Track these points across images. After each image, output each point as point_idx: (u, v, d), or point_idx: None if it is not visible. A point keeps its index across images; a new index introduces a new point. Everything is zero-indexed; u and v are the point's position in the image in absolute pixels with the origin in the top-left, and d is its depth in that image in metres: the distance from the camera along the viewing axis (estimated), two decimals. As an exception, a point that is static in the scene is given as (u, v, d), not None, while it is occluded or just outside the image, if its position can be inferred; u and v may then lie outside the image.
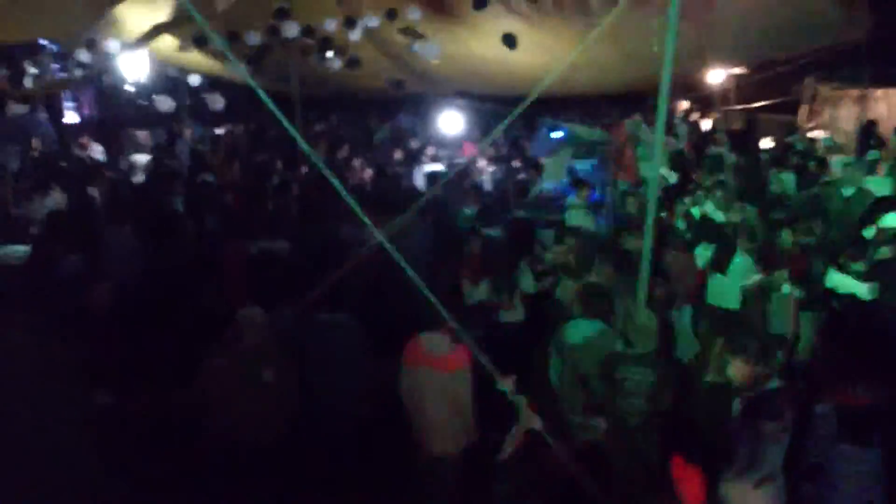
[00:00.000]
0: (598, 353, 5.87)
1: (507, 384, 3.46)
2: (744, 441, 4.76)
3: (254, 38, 11.95)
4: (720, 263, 7.96)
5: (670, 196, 9.92)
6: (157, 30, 12.00)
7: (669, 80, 4.82)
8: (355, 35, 11.86)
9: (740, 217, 8.81)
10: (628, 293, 6.31)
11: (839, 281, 7.31)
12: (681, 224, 9.16)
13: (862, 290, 7.11)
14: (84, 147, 14.37)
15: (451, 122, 16.65)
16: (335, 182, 3.44)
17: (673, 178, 11.31)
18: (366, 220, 3.42)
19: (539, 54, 11.22)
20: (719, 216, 9.08)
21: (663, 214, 9.25)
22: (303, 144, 3.26)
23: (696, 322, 7.59)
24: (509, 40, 10.67)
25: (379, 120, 19.24)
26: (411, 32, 11.72)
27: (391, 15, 11.49)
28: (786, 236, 8.11)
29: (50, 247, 7.40)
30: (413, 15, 11.22)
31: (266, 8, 11.76)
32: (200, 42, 12.25)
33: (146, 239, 8.07)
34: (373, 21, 11.56)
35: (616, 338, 5.90)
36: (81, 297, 5.78)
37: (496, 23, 11.02)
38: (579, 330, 6.15)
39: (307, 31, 11.93)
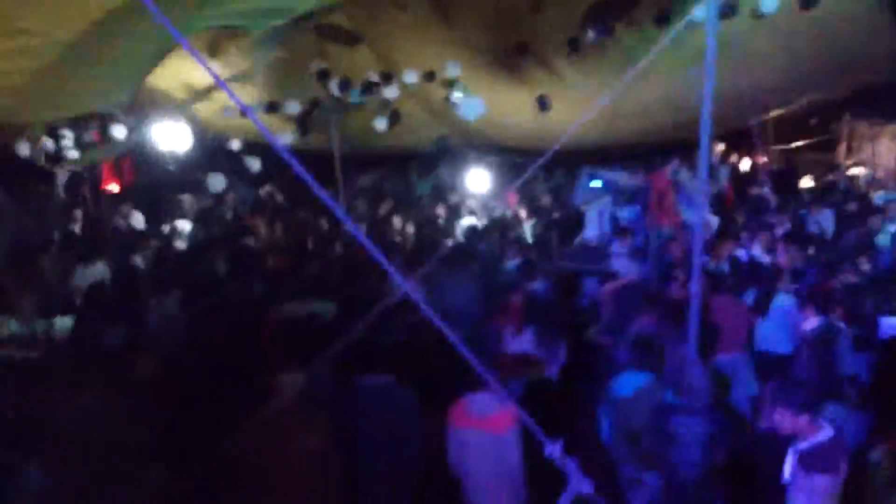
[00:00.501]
0: (649, 406, 5.72)
1: (554, 449, 3.35)
2: (800, 498, 4.57)
3: (294, 106, 12.12)
4: (759, 306, 7.82)
5: (714, 240, 9.78)
6: (197, 97, 12.24)
7: (710, 124, 4.76)
8: (392, 92, 11.98)
9: (786, 259, 8.64)
10: (678, 342, 6.20)
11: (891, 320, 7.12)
12: (726, 268, 9.00)
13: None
14: (126, 216, 14.60)
15: (490, 175, 16.69)
16: (364, 240, 3.38)
17: (715, 221, 11.17)
18: (397, 276, 3.35)
19: (574, 110, 11.21)
20: (766, 258, 8.92)
21: (708, 259, 9.09)
22: (329, 202, 3.19)
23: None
24: (542, 103, 10.68)
25: (420, 174, 19.35)
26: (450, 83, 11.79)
27: (430, 77, 11.60)
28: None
29: (93, 319, 7.46)
30: (454, 71, 11.27)
31: (304, 72, 11.92)
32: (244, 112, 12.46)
33: (191, 307, 8.12)
34: (411, 77, 11.64)
35: (666, 390, 5.76)
36: (125, 368, 5.77)
37: (532, 78, 11.05)
38: (629, 382, 6.00)
39: (345, 84, 12.04)
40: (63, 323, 8.82)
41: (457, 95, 11.65)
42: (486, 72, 11.21)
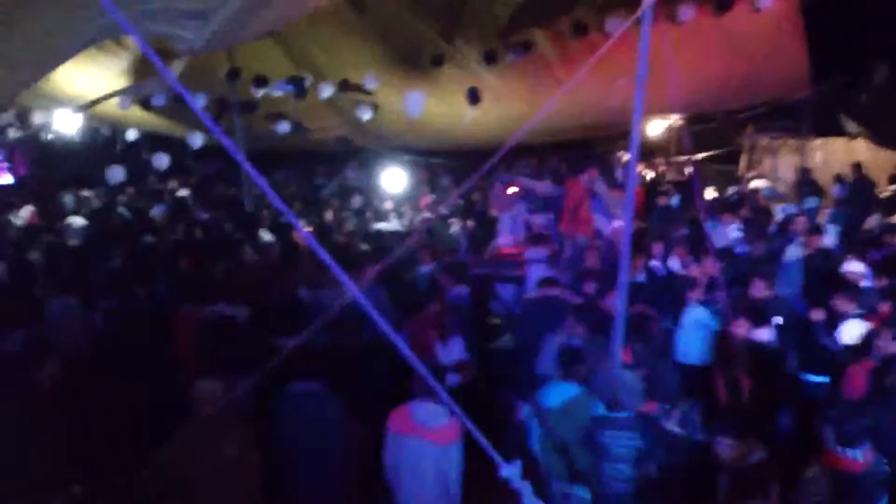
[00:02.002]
0: (578, 418, 5.69)
1: (511, 471, 3.25)
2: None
3: (201, 99, 11.74)
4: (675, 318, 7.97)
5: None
6: (106, 96, 11.71)
7: (639, 137, 4.77)
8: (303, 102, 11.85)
9: (699, 270, 8.76)
10: (604, 353, 6.20)
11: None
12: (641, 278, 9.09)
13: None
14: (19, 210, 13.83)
15: (398, 177, 16.56)
16: (313, 243, 3.21)
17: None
18: (346, 279, 3.18)
19: (491, 111, 11.24)
20: (680, 270, 9.08)
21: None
22: (279, 204, 3.01)
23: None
24: (473, 95, 10.63)
25: (326, 175, 19.06)
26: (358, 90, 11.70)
27: (345, 86, 11.45)
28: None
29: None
30: (370, 84, 11.19)
31: (214, 69, 11.58)
32: (146, 104, 12.03)
33: (93, 308, 7.68)
34: (327, 91, 11.50)
35: (594, 401, 5.74)
36: (29, 374, 5.36)
37: (451, 81, 11.02)
38: (557, 393, 5.96)
39: (260, 82, 11.75)
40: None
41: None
42: (400, 80, 11.10)
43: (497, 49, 10.42)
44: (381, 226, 13.42)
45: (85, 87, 11.77)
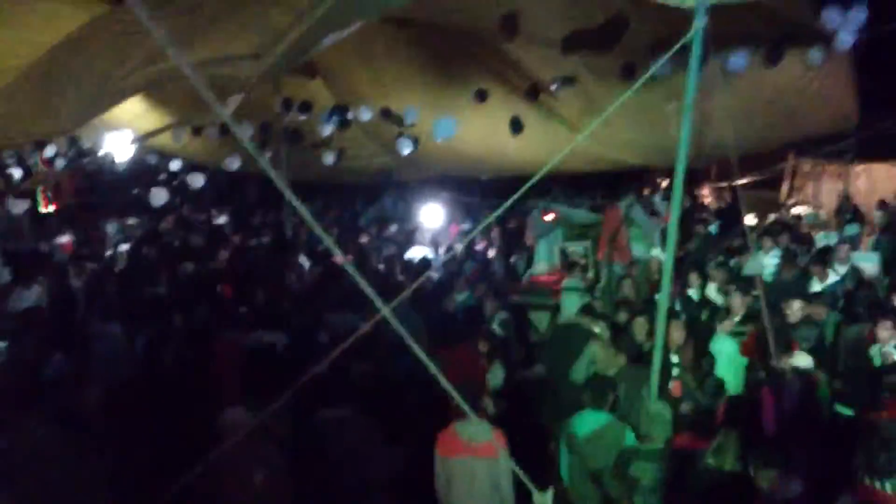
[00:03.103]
0: (607, 446, 5.67)
1: (544, 498, 3.25)
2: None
3: (248, 129, 11.98)
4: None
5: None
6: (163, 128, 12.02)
7: (685, 164, 4.76)
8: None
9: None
10: (638, 383, 6.17)
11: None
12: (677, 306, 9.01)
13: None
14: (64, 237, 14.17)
15: (436, 205, 16.66)
16: (352, 270, 3.26)
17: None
18: (380, 304, 3.22)
19: (533, 139, 11.25)
20: (720, 299, 8.97)
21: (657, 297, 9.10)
22: (323, 236, 3.08)
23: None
24: (516, 125, 10.65)
25: (364, 203, 19.23)
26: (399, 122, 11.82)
27: (385, 114, 11.57)
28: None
29: (31, 345, 7.14)
30: (410, 118, 11.29)
31: (263, 99, 11.80)
32: (198, 132, 12.29)
33: (136, 335, 7.83)
34: (367, 115, 11.64)
35: (625, 429, 5.71)
36: (70, 400, 5.49)
37: (492, 111, 11.07)
38: (587, 422, 5.94)
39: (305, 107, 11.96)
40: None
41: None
42: (441, 110, 11.17)
43: (540, 83, 10.41)
44: (417, 253, 13.50)
45: (138, 117, 12.03)
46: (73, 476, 4.16)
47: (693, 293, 9.30)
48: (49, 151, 12.22)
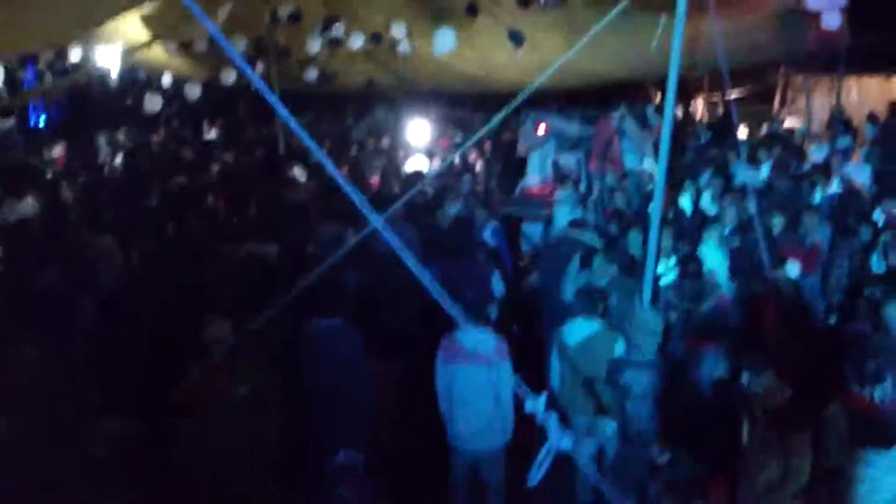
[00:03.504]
0: (598, 355, 5.79)
1: (536, 404, 3.31)
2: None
3: (241, 44, 11.78)
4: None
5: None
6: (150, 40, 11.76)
7: (677, 76, 4.71)
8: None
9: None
10: (630, 293, 6.24)
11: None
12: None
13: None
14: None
15: (427, 118, 16.50)
16: (345, 182, 3.24)
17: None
18: (375, 215, 3.22)
19: (524, 57, 11.07)
20: (713, 209, 9.01)
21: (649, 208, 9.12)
22: (318, 153, 3.05)
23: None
24: (516, 37, 10.44)
25: (356, 116, 19.03)
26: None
27: (376, 38, 11.34)
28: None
29: (25, 256, 7.15)
30: (398, 34, 11.07)
31: (254, 12, 11.55)
32: (187, 47, 12.05)
33: (129, 247, 7.84)
34: (358, 42, 11.42)
35: (616, 338, 5.81)
36: (65, 310, 5.54)
37: (483, 28, 10.87)
38: (578, 330, 6.04)
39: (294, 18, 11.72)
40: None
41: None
42: (431, 25, 10.96)
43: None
44: (409, 166, 13.45)
45: (127, 30, 11.78)
46: (68, 386, 4.21)
47: (685, 204, 9.33)
48: (39, 64, 12.04)
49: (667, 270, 7.50)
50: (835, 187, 9.55)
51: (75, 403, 4.06)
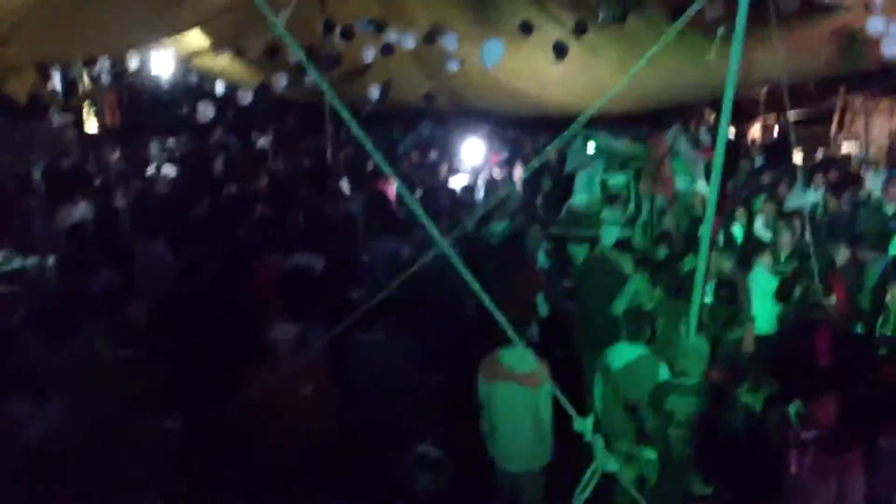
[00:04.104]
0: (641, 380, 5.72)
1: (584, 425, 3.28)
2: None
3: (297, 52, 11.89)
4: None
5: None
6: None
7: (732, 96, 4.64)
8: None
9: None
10: (676, 317, 6.16)
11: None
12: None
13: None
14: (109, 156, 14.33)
15: (475, 135, 16.51)
16: (409, 196, 3.25)
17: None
18: (435, 231, 3.22)
19: (577, 79, 11.01)
20: (767, 235, 8.85)
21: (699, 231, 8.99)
22: (383, 165, 3.07)
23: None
24: (560, 49, 10.37)
25: (402, 130, 19.10)
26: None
27: (429, 39, 11.36)
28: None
29: (80, 260, 7.30)
30: (450, 45, 11.08)
31: (308, 21, 11.66)
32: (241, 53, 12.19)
33: (178, 253, 7.96)
34: (409, 42, 11.45)
35: (660, 363, 5.72)
36: (117, 313, 5.64)
37: (537, 47, 10.83)
38: (621, 354, 5.96)
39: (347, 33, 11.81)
40: (40, 262, 8.71)
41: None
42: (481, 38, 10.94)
43: (588, 19, 10.11)
44: (457, 182, 13.45)
45: (182, 36, 11.98)
46: (123, 389, 4.29)
47: (737, 229, 9.18)
48: (96, 68, 12.30)
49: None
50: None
51: (134, 402, 4.11)
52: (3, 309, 6.47)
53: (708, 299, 7.20)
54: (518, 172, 14.41)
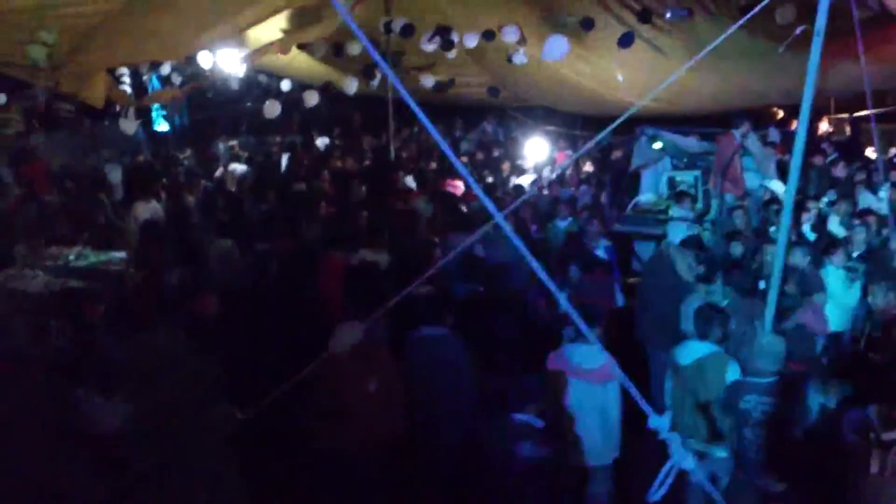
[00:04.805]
0: (711, 378, 5.58)
1: (660, 423, 3.22)
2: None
3: (356, 48, 12.01)
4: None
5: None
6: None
7: (812, 93, 4.52)
8: (452, 55, 11.81)
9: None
10: (750, 315, 6.03)
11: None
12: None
13: None
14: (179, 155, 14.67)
15: (538, 133, 16.44)
16: (481, 193, 3.24)
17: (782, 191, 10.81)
18: (507, 226, 3.22)
19: (640, 77, 10.87)
20: (842, 232, 8.62)
21: (772, 229, 8.80)
22: (455, 160, 3.06)
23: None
24: (626, 39, 10.20)
25: (464, 128, 19.11)
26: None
27: (488, 36, 11.34)
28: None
29: (154, 257, 7.46)
30: (511, 37, 11.03)
31: (370, 20, 11.75)
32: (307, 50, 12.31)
33: (248, 250, 8.08)
34: (471, 41, 11.44)
35: (729, 362, 5.60)
36: (190, 307, 5.74)
37: (600, 44, 10.72)
38: (690, 352, 5.84)
39: (408, 29, 11.85)
40: (112, 258, 8.93)
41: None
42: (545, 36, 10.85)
43: (654, 7, 9.94)
44: (521, 180, 13.41)
45: (251, 32, 12.16)
46: (196, 381, 4.35)
47: (807, 227, 8.96)
48: (165, 70, 12.54)
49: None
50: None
51: (202, 397, 4.18)
52: (79, 303, 6.62)
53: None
54: (583, 170, 14.33)
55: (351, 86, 13.14)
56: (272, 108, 13.05)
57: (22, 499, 3.40)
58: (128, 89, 12.95)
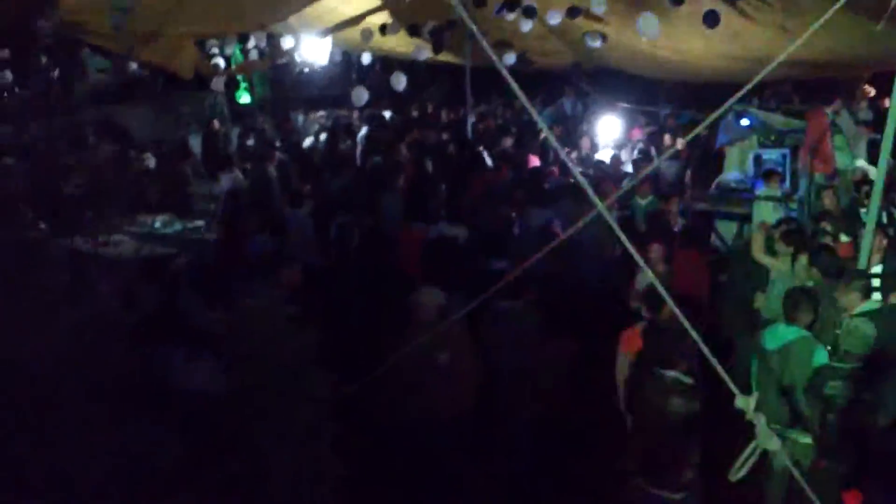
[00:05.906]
0: (797, 362, 5.46)
1: (747, 403, 3.17)
2: None
3: (431, 26, 11.96)
4: None
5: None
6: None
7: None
8: (527, 26, 11.64)
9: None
10: (836, 298, 5.86)
11: None
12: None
13: None
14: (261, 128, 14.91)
15: (618, 109, 16.13)
16: (573, 168, 3.23)
17: (872, 171, 10.44)
18: (598, 201, 3.19)
19: (724, 47, 10.54)
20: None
21: (863, 210, 8.49)
22: (549, 134, 3.04)
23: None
24: (712, 17, 9.92)
25: (543, 103, 18.90)
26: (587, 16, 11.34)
27: (573, 12, 11.10)
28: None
29: (240, 225, 7.63)
30: (598, 9, 10.79)
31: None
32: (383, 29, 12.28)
33: (326, 221, 8.20)
34: (555, 18, 11.21)
35: (817, 346, 5.44)
36: (274, 276, 5.85)
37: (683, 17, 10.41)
38: (777, 336, 5.70)
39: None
40: (195, 225, 9.19)
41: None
42: (628, 8, 10.59)
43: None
44: (601, 155, 13.24)
45: (328, 11, 12.23)
46: (284, 348, 4.42)
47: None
48: (249, 43, 12.73)
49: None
50: None
51: (302, 359, 4.25)
52: (164, 269, 6.81)
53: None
54: (664, 145, 14.03)
55: (422, 54, 13.01)
56: (359, 96, 13.02)
57: (102, 462, 3.49)
58: (220, 61, 13.12)
